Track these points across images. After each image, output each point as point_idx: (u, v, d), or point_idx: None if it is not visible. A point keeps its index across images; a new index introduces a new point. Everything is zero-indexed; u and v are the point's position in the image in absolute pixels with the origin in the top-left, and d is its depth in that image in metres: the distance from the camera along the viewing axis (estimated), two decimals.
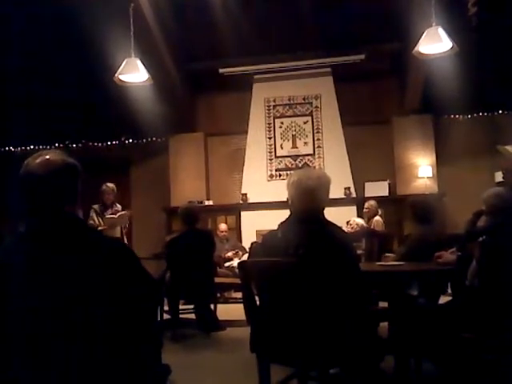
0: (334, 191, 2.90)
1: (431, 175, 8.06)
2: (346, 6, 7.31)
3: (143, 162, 9.19)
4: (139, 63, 5.47)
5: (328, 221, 2.43)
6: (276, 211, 6.62)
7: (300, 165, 8.32)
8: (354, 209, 7.84)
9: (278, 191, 6.33)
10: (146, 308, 1.53)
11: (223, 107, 8.88)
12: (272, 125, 8.52)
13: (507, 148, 3.48)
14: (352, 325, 2.23)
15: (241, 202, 8.32)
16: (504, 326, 2.48)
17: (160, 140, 9.00)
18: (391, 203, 7.84)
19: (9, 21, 6.47)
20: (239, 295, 5.45)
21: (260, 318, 2.40)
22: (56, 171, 1.47)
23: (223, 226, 7.69)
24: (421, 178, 8.09)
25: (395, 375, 2.90)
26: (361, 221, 6.47)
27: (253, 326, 2.43)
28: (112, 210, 5.73)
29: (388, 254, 3.84)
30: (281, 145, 8.48)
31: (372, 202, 6.97)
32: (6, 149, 9.08)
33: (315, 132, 8.40)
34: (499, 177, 4.98)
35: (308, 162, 8.36)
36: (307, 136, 8.41)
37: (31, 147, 8.42)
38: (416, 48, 4.94)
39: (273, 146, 8.50)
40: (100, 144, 9.06)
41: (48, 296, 1.36)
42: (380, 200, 7.34)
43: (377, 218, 6.79)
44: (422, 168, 8.07)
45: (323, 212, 2.43)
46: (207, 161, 8.97)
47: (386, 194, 8.10)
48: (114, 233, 5.62)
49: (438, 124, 8.30)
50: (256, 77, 8.55)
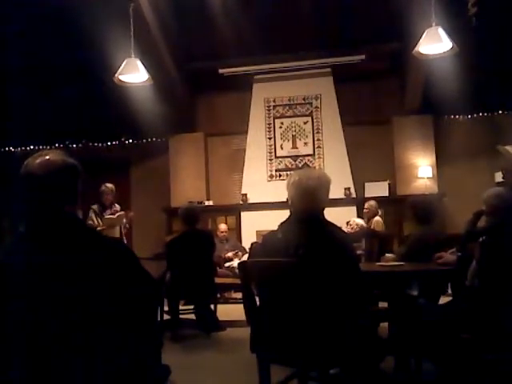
0: (334, 191, 2.90)
1: (431, 175, 8.05)
2: (346, 6, 7.32)
3: (143, 163, 9.19)
4: (139, 63, 5.47)
5: (328, 221, 2.43)
6: (276, 211, 6.63)
7: (300, 165, 8.31)
8: (354, 209, 7.84)
9: (278, 191, 6.32)
10: (146, 308, 1.53)
11: (223, 107, 8.87)
12: (272, 125, 8.52)
13: (507, 148, 3.47)
14: (352, 325, 2.23)
15: (241, 203, 8.31)
16: (504, 326, 2.48)
17: (160, 140, 8.99)
18: (391, 203, 7.83)
19: (9, 21, 6.47)
20: (239, 295, 5.46)
21: (260, 319, 2.40)
22: (56, 171, 1.48)
23: (223, 227, 7.69)
24: (421, 179, 8.08)
25: (395, 375, 2.90)
26: (361, 221, 6.48)
27: (253, 327, 2.43)
28: (111, 211, 5.75)
29: (388, 255, 3.84)
30: (281, 145, 8.47)
31: (372, 203, 6.97)
32: (6, 149, 9.08)
33: (315, 132, 8.40)
34: (499, 177, 4.97)
35: (308, 163, 8.36)
36: (307, 136, 8.41)
37: (31, 147, 8.41)
38: (416, 48, 4.93)
39: (273, 147, 8.49)
40: (100, 144, 9.05)
41: (48, 296, 1.36)
42: (380, 200, 7.33)
43: (377, 219, 6.79)
44: (422, 168, 8.06)
45: (323, 212, 2.43)
46: (207, 161, 8.97)
47: (386, 195, 8.10)
48: (113, 233, 5.64)
49: (438, 124, 8.29)
50: (256, 77, 8.55)
